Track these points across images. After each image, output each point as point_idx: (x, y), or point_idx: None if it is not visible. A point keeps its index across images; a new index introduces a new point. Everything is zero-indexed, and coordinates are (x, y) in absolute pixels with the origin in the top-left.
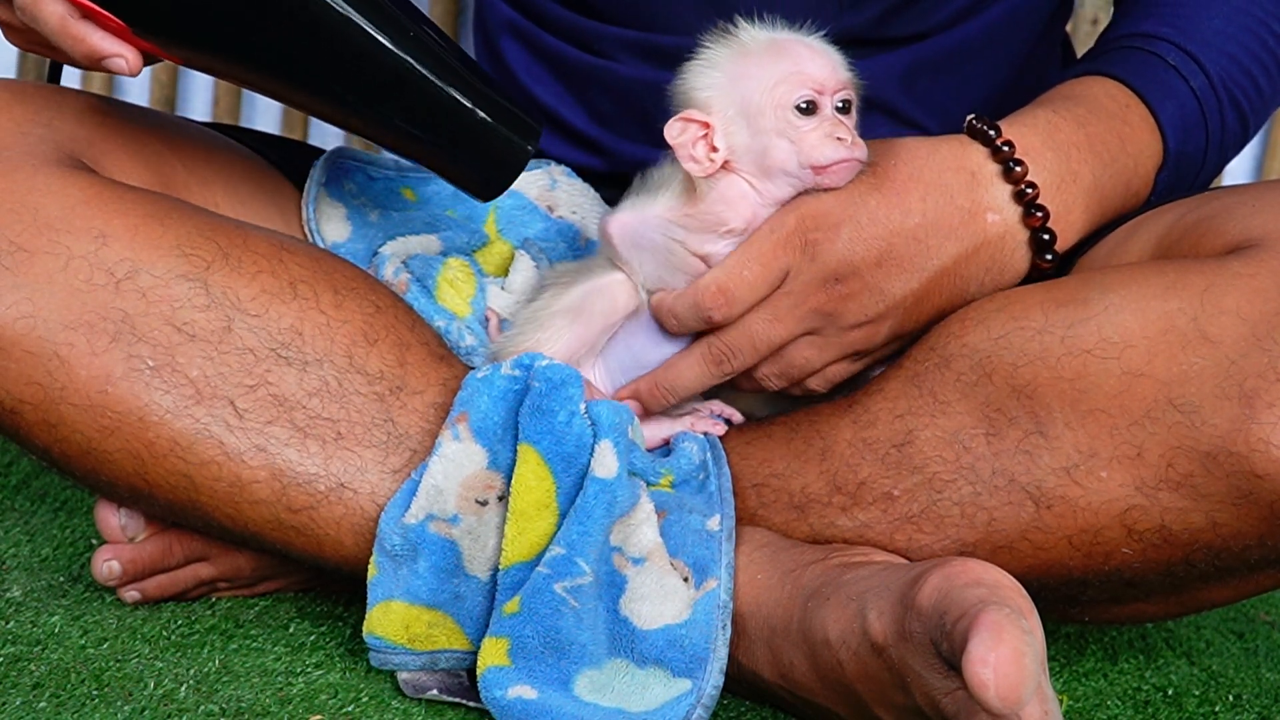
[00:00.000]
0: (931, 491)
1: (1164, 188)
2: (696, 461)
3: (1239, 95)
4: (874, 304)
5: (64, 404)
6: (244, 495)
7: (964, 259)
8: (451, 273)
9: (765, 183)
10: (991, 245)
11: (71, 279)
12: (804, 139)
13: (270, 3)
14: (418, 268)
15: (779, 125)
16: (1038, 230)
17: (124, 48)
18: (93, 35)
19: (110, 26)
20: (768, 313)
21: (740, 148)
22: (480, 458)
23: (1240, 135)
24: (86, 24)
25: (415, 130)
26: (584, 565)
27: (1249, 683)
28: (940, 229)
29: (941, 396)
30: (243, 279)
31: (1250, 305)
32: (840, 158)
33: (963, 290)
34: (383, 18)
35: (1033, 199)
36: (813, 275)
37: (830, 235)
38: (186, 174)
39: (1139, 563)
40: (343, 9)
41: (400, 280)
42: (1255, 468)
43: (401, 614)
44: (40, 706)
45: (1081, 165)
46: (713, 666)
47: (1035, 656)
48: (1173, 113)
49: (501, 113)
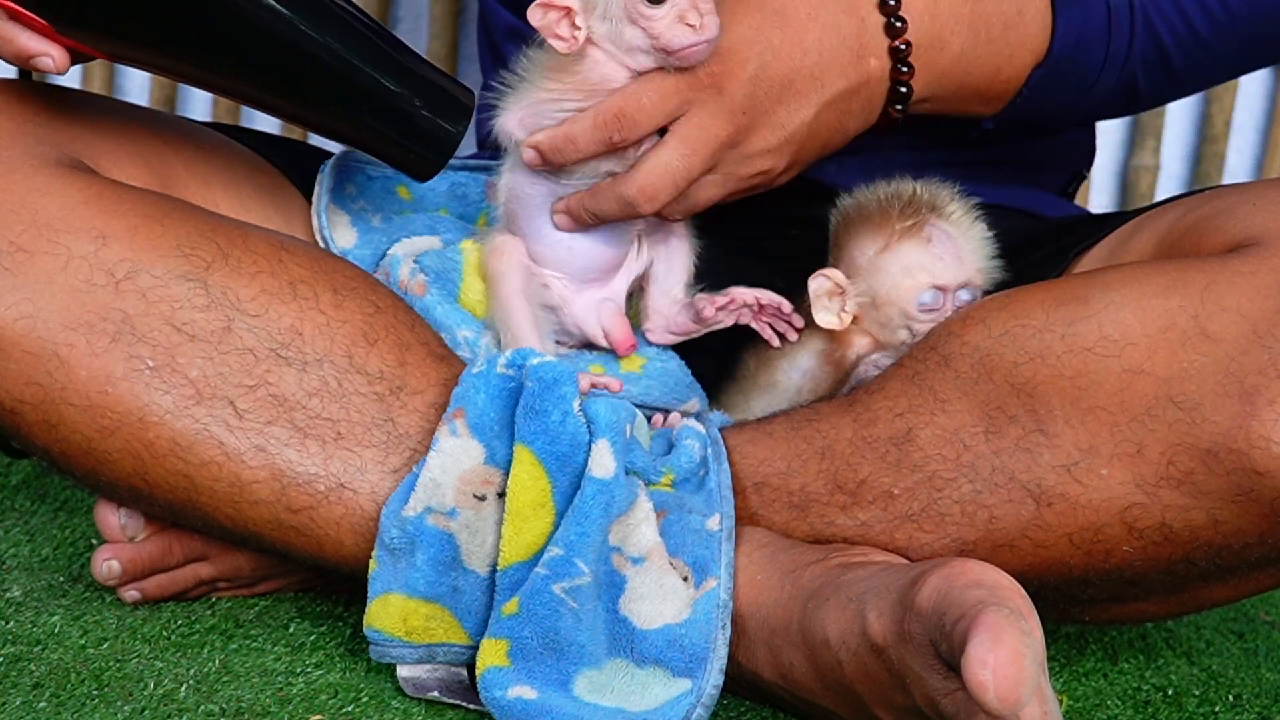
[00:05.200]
0: (932, 490)
1: (1039, 86)
2: (697, 459)
3: (1161, 28)
4: (774, 135)
5: (64, 404)
6: (244, 495)
7: (848, 95)
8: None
9: (627, 58)
10: (869, 87)
11: (71, 279)
12: (653, 26)
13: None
14: (433, 264)
15: (629, 12)
16: (898, 84)
17: (50, 46)
18: (20, 36)
19: (35, 26)
20: (681, 146)
21: (598, 33)
22: (478, 453)
23: (1162, 72)
24: (13, 25)
25: (344, 115)
26: (582, 566)
27: (1249, 683)
28: (833, 67)
29: (942, 394)
30: (242, 279)
31: (1251, 303)
32: (689, 43)
33: (843, 126)
34: (302, 2)
35: (904, 55)
36: (720, 108)
37: (737, 71)
38: (187, 174)
39: (1139, 561)
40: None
41: (417, 281)
42: (1256, 465)
43: (400, 606)
44: (40, 706)
45: (954, 37)
46: (712, 666)
47: (1034, 657)
48: (1074, 19)
49: (430, 92)
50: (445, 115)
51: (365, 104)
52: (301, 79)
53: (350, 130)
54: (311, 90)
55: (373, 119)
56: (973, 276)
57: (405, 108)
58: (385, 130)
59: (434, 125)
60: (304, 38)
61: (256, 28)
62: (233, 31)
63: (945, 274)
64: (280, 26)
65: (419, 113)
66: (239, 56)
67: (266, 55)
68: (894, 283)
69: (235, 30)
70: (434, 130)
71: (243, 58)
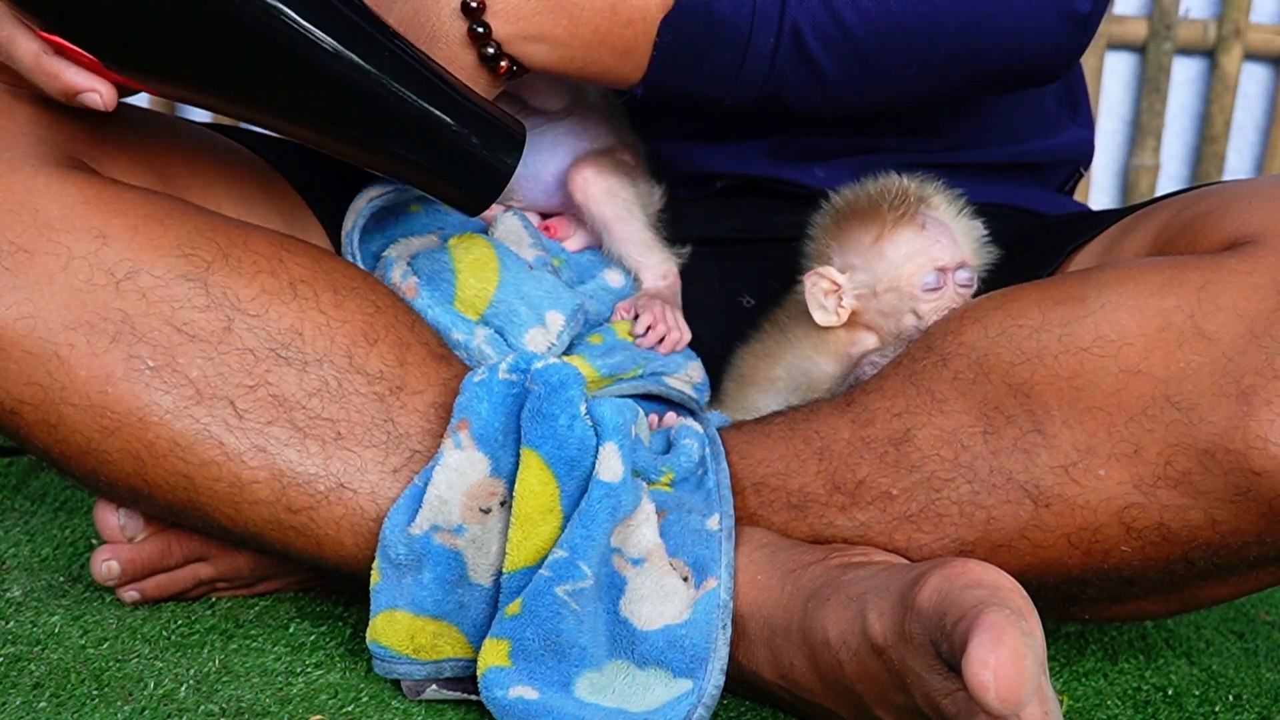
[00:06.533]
0: (930, 490)
1: (672, 36)
2: (696, 458)
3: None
4: None
5: (64, 404)
6: (244, 496)
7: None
8: (470, 255)
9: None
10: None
11: (72, 279)
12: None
13: (236, 32)
14: (425, 266)
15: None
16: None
17: (98, 82)
18: (66, 71)
19: (83, 61)
20: None
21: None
22: (483, 466)
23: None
24: (60, 60)
25: (398, 151)
26: (585, 569)
27: (1249, 683)
28: None
29: (939, 395)
30: (242, 279)
31: (1247, 302)
32: None
33: None
34: (357, 39)
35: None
36: None
37: None
38: (187, 174)
39: (1138, 560)
40: (313, 34)
41: (409, 284)
42: (1253, 465)
43: (406, 624)
44: (40, 706)
45: None
46: (713, 666)
47: (1035, 658)
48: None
49: (484, 126)
50: (500, 149)
51: (420, 140)
52: (355, 116)
53: (403, 168)
54: (365, 127)
55: (427, 156)
56: (968, 256)
57: (462, 144)
58: (440, 166)
59: (490, 159)
60: (358, 74)
61: (310, 66)
62: (287, 71)
63: (944, 254)
64: (335, 65)
65: (476, 149)
66: (293, 95)
67: (321, 94)
68: (895, 269)
69: (289, 69)
70: (490, 164)
71: (296, 97)
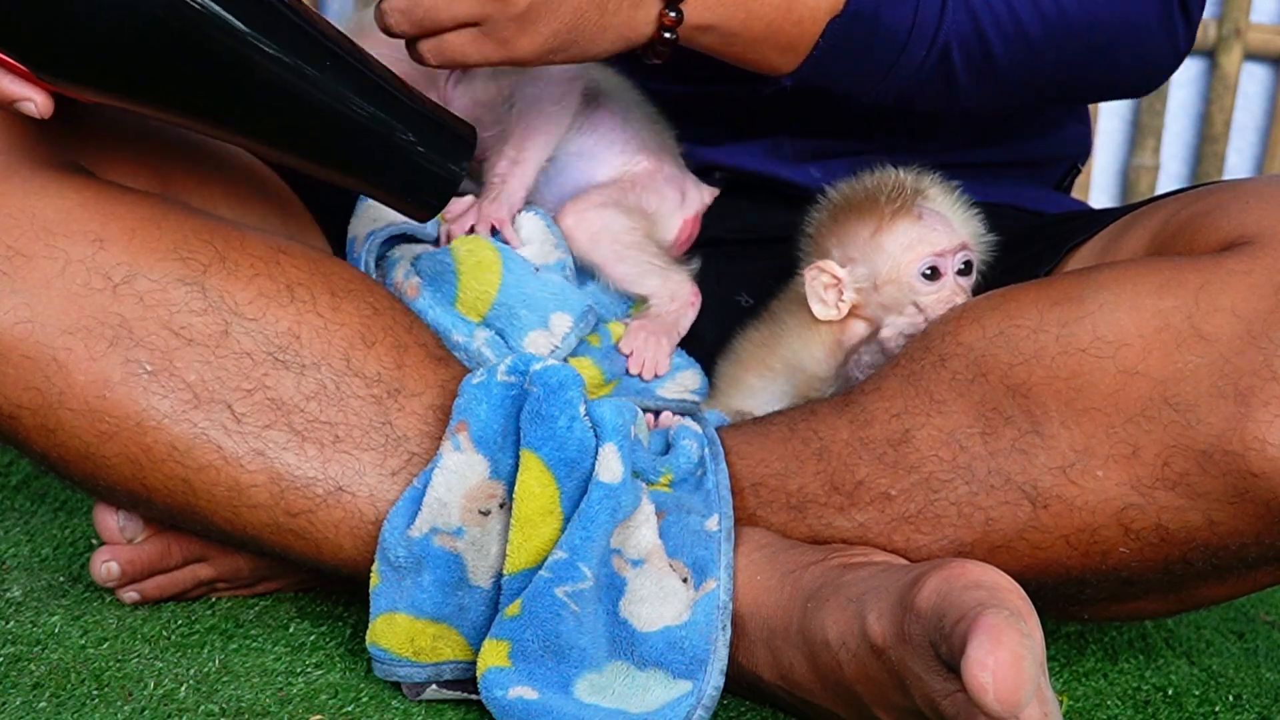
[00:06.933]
0: (928, 491)
1: (838, 41)
2: (695, 459)
3: (980, 9)
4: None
5: (62, 409)
6: (242, 499)
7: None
8: (474, 257)
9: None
10: None
11: (69, 283)
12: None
13: (164, 42)
14: (427, 266)
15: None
16: None
17: (33, 91)
18: (2, 80)
19: (16, 70)
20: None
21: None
22: (482, 468)
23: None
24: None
25: (341, 160)
26: (585, 570)
27: (1249, 683)
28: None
29: (937, 395)
30: (240, 282)
31: (1245, 303)
32: None
33: (602, 24)
34: (294, 42)
35: None
36: None
37: None
38: (185, 177)
39: (1136, 561)
40: (248, 38)
41: (411, 284)
42: (1251, 466)
43: (406, 627)
44: (40, 706)
45: None
46: (713, 667)
47: (1034, 659)
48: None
49: (432, 132)
50: (449, 155)
51: (364, 148)
52: (293, 123)
53: (349, 177)
54: (304, 135)
55: (373, 165)
56: (967, 239)
57: (409, 152)
58: (387, 175)
59: (439, 167)
60: (296, 79)
61: (244, 72)
62: (218, 76)
63: (941, 240)
64: (272, 69)
65: (423, 156)
66: (227, 103)
67: (256, 101)
68: (894, 260)
69: (221, 76)
70: (438, 172)
71: (230, 104)
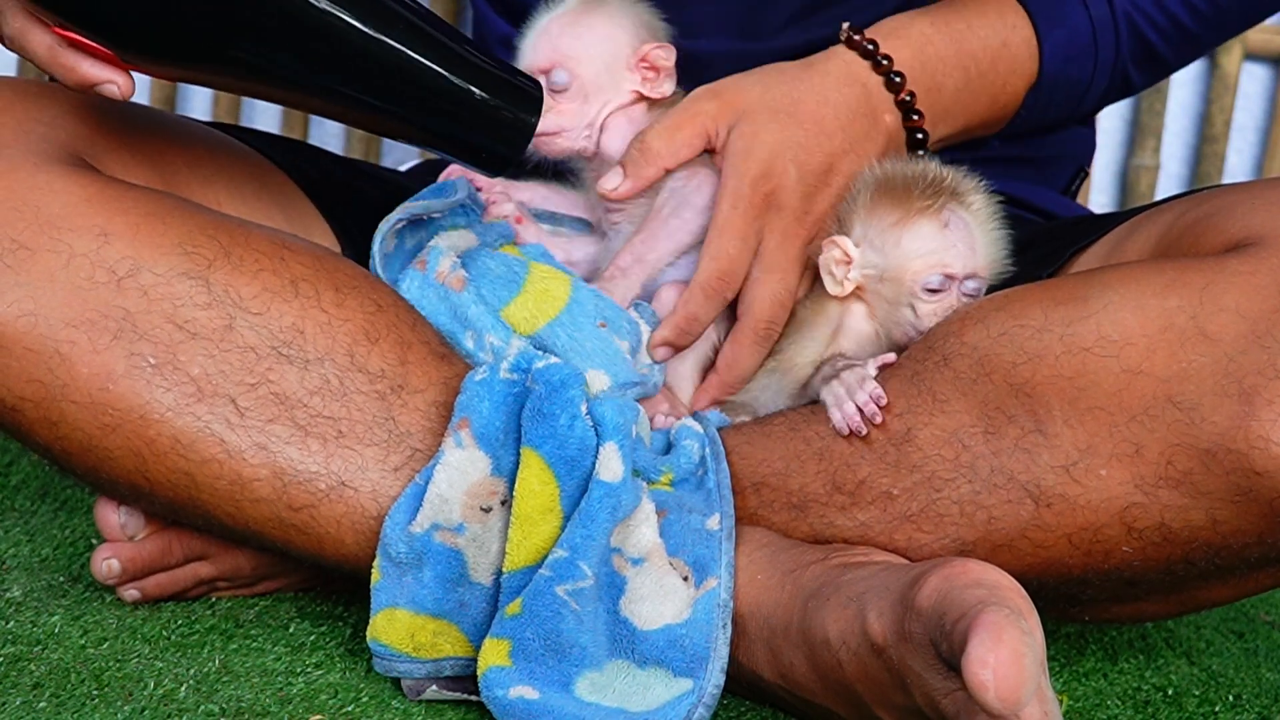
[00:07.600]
0: (931, 490)
1: (1035, 106)
2: (696, 459)
3: (1145, 27)
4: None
5: (65, 402)
6: (245, 493)
7: (879, 155)
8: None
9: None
10: (892, 140)
11: (73, 277)
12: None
13: (244, 13)
14: (482, 266)
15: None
16: (913, 131)
17: (114, 73)
18: (82, 64)
19: (98, 53)
20: (776, 273)
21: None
22: (484, 465)
23: (1151, 65)
24: (75, 53)
25: (416, 117)
26: (585, 568)
27: (1249, 683)
28: (859, 138)
29: (940, 395)
30: (244, 277)
31: (1250, 303)
32: None
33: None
34: (371, 10)
35: (911, 105)
36: (786, 223)
37: (782, 181)
38: (189, 172)
39: (1139, 561)
40: (322, 5)
41: (457, 276)
42: (1254, 465)
43: (406, 623)
44: (40, 706)
45: (946, 79)
46: (714, 666)
47: (1035, 657)
48: (1059, 40)
49: (501, 87)
50: (522, 107)
51: (446, 106)
52: (376, 88)
53: (425, 134)
54: (387, 99)
55: (450, 120)
56: (981, 268)
57: (485, 107)
58: (465, 130)
59: (512, 120)
60: (375, 46)
61: (326, 40)
62: (303, 46)
63: (956, 262)
64: (352, 36)
65: (498, 108)
66: (310, 71)
67: (338, 68)
68: (903, 261)
69: (305, 45)
70: (512, 124)
71: (313, 72)
